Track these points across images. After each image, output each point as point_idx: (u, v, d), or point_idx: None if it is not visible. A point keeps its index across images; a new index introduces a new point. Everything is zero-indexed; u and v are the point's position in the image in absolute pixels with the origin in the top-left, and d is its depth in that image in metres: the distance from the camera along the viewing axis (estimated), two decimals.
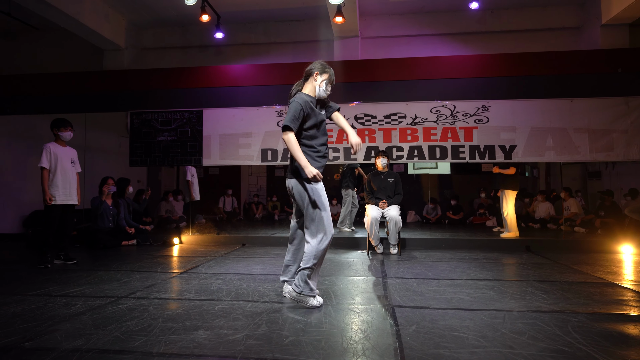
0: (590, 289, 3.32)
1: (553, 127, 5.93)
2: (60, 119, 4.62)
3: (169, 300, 3.01)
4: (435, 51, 7.62)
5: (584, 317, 2.55)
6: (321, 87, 2.88)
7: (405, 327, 2.36)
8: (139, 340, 2.16)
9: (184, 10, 7.26)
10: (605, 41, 6.94)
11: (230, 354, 1.99)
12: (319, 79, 2.88)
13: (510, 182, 6.29)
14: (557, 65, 6.04)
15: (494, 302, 2.90)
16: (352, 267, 4.35)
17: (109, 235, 5.91)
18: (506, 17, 7.66)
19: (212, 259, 4.85)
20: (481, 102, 6.08)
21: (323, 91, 2.90)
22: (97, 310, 2.73)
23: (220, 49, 8.29)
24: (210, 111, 6.59)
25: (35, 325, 2.42)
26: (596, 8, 7.04)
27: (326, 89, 2.90)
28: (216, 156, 6.54)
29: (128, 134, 6.76)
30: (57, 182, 4.45)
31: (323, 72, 2.88)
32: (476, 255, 5.10)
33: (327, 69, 2.90)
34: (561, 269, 4.23)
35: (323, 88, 2.89)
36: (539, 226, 8.07)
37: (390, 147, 6.22)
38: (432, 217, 9.18)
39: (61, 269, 4.26)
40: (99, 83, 6.90)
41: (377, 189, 5.51)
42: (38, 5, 6.04)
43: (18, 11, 6.69)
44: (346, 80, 6.39)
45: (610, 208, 7.30)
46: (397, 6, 7.61)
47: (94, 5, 6.94)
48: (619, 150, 5.81)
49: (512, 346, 2.07)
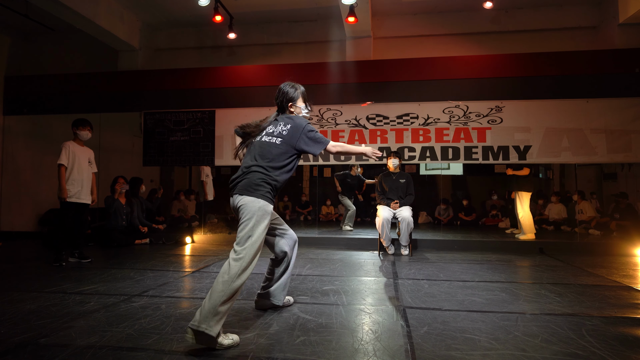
0: (605, 292, 3.27)
1: (569, 128, 5.85)
2: (80, 119, 4.73)
3: (181, 298, 3.04)
4: (448, 51, 7.56)
5: (598, 321, 2.51)
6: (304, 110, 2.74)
7: (417, 329, 2.35)
8: (151, 338, 2.19)
9: (197, 11, 7.31)
10: (622, 41, 6.81)
11: (242, 352, 2.00)
12: (300, 106, 2.72)
13: (524, 183, 6.21)
14: (572, 65, 5.96)
15: (507, 305, 2.87)
16: (364, 268, 4.34)
17: (122, 234, 5.98)
18: (521, 16, 7.56)
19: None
20: (495, 103, 6.02)
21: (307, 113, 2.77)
22: (111, 307, 2.76)
23: (233, 50, 8.33)
24: (222, 111, 6.63)
25: (51, 322, 2.46)
26: (613, 7, 6.91)
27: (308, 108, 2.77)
28: (228, 156, 6.58)
29: (141, 134, 6.85)
30: (73, 180, 4.53)
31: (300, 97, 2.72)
32: (488, 257, 5.05)
33: (299, 90, 2.73)
34: (575, 271, 4.17)
35: (305, 111, 2.75)
36: (553, 228, 7.96)
37: (402, 148, 6.19)
38: (444, 219, 9.11)
39: (76, 267, 4.33)
40: (114, 84, 7.00)
41: (388, 190, 5.49)
42: (54, 6, 6.13)
43: (35, 13, 6.81)
44: (358, 80, 6.38)
45: (626, 210, 7.17)
46: (410, 6, 7.56)
47: (109, 7, 7.03)
48: (637, 151, 5.71)
49: (525, 349, 2.05)
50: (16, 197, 7.26)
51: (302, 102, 2.72)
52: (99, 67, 7.80)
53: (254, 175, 2.38)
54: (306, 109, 2.75)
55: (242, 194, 2.36)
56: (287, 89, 2.69)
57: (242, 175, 2.43)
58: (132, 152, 7.74)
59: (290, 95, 2.68)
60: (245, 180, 2.39)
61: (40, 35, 7.99)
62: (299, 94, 2.71)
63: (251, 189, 2.35)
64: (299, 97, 2.70)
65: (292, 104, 2.68)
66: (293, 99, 2.68)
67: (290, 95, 2.68)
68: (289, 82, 2.73)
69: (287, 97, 2.68)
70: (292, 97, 2.68)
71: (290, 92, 2.68)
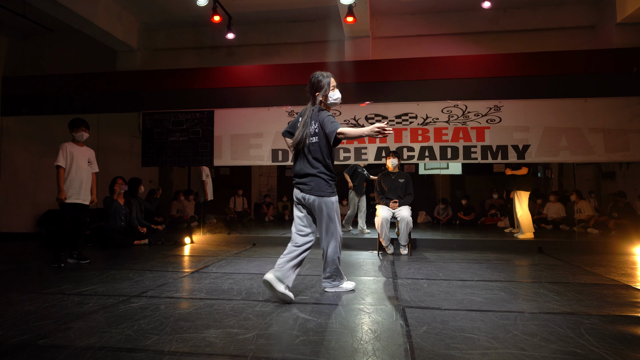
0: (603, 290, 3.28)
1: (567, 127, 5.86)
2: (75, 120, 4.70)
3: (180, 299, 3.04)
4: (446, 51, 7.57)
5: (597, 319, 2.52)
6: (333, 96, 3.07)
7: (416, 328, 2.36)
8: (150, 338, 2.19)
9: (195, 11, 7.31)
10: (620, 40, 6.83)
11: (241, 353, 2.00)
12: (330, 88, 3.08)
13: (522, 182, 6.23)
14: (570, 64, 5.97)
15: (506, 304, 2.88)
16: (363, 268, 4.35)
17: (121, 234, 5.97)
18: (519, 16, 7.57)
19: (223, 259, 4.88)
20: (493, 102, 6.03)
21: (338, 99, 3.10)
22: (110, 308, 2.76)
23: (232, 50, 8.33)
24: (221, 111, 6.63)
25: (49, 323, 2.46)
26: (611, 6, 6.93)
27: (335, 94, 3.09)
28: (227, 156, 6.57)
29: (140, 135, 6.84)
30: (72, 181, 4.52)
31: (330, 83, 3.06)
32: (487, 257, 5.06)
33: (327, 77, 3.07)
34: (574, 270, 4.17)
35: (334, 97, 3.08)
36: (552, 227, 7.97)
37: (401, 148, 6.19)
38: (443, 218, 9.12)
39: (74, 267, 4.32)
40: (112, 84, 6.99)
41: (387, 190, 5.49)
42: (52, 6, 6.12)
43: (33, 13, 6.80)
44: (357, 80, 6.38)
45: (624, 209, 7.18)
46: (409, 6, 7.57)
47: (107, 7, 7.02)
48: (635, 150, 5.72)
49: (524, 348, 2.05)
50: (14, 198, 7.24)
51: (332, 90, 3.06)
52: (97, 68, 7.79)
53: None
54: (334, 96, 3.06)
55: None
56: (318, 78, 3.05)
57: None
58: (131, 152, 7.74)
59: (319, 83, 3.04)
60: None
61: (39, 35, 7.98)
62: (330, 83, 3.05)
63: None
64: (329, 87, 3.04)
65: (320, 92, 3.02)
66: (324, 88, 3.03)
67: (319, 84, 3.04)
68: (318, 72, 3.08)
69: (316, 87, 3.04)
70: (321, 86, 3.03)
71: (323, 80, 3.04)
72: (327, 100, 3.06)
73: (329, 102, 3.06)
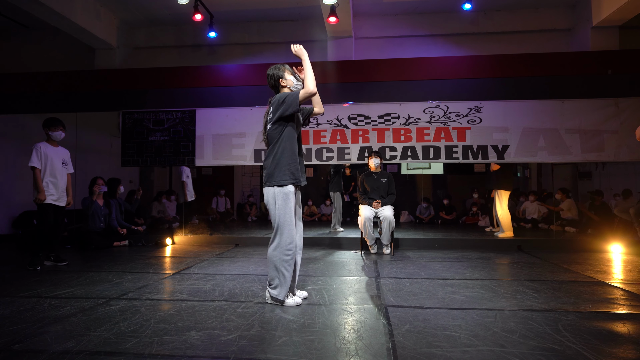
0: (580, 287, 3.36)
1: (545, 128, 5.98)
2: (51, 119, 4.56)
3: (161, 301, 3.00)
4: (428, 52, 7.66)
5: (574, 316, 2.58)
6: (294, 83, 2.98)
7: (398, 327, 2.37)
8: (130, 341, 2.15)
9: (176, 9, 7.22)
10: (595, 43, 7.01)
11: (223, 354, 1.98)
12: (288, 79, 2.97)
13: (503, 182, 6.33)
14: (548, 66, 6.09)
15: (486, 302, 2.92)
16: (346, 267, 4.36)
17: (100, 236, 5.86)
18: (498, 18, 7.71)
19: (205, 260, 4.83)
20: (474, 103, 6.12)
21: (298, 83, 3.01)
22: (88, 311, 2.71)
23: (214, 49, 8.26)
24: (203, 111, 6.56)
25: (25, 327, 2.39)
26: (587, 10, 7.11)
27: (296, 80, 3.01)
28: (209, 156, 6.51)
29: (120, 134, 6.71)
30: (47, 182, 4.40)
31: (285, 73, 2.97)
32: (469, 255, 5.13)
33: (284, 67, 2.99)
34: (552, 268, 4.26)
35: (295, 82, 2.98)
36: (531, 226, 8.13)
37: (384, 147, 6.23)
38: (425, 217, 9.21)
39: (52, 270, 4.22)
40: (91, 82, 6.84)
41: (370, 189, 5.52)
42: (28, 3, 5.97)
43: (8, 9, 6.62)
44: (340, 80, 6.39)
45: (600, 208, 7.37)
46: (391, 7, 7.63)
47: (85, 4, 6.88)
48: (609, 151, 5.87)
49: (504, 345, 2.09)
50: None
51: (290, 74, 2.96)
52: (75, 66, 7.63)
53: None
54: (296, 80, 2.97)
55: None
56: (272, 71, 2.95)
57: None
58: (110, 152, 7.59)
59: (277, 74, 2.94)
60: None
61: (15, 33, 7.78)
62: (284, 70, 2.95)
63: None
64: (284, 72, 2.94)
65: (281, 79, 2.93)
66: (280, 76, 2.93)
67: (277, 74, 2.94)
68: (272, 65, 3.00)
69: (275, 78, 2.94)
70: (280, 75, 2.93)
71: (276, 72, 2.94)
72: (292, 86, 2.95)
73: (293, 87, 2.96)
